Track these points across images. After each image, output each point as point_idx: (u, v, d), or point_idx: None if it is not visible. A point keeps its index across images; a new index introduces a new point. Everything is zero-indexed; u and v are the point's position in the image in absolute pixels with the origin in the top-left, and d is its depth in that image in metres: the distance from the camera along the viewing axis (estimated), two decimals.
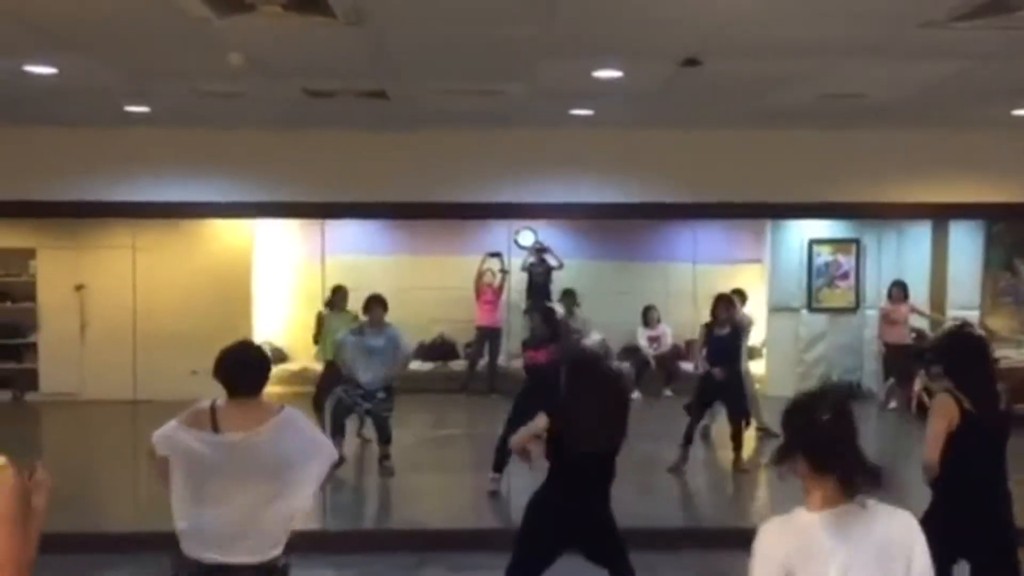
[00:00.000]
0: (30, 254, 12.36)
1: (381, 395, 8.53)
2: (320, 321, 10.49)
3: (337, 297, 10.30)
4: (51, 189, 7.62)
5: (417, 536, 7.12)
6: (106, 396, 11.75)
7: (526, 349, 8.11)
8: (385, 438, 8.64)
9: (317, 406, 9.24)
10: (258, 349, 4.24)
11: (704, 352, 9.13)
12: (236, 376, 3.95)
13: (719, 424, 9.39)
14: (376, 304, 8.62)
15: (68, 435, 11.29)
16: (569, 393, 4.77)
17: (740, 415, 8.95)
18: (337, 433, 8.22)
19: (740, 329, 9.37)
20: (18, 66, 5.49)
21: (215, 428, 3.84)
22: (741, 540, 2.91)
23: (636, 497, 7.27)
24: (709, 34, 4.75)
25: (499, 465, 7.86)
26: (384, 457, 8.64)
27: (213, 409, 3.89)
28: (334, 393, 8.94)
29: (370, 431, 9.12)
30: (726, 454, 9.00)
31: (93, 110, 6.98)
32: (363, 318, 8.84)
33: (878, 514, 2.62)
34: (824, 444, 2.63)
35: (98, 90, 6.22)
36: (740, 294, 10.40)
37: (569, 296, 12.55)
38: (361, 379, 8.46)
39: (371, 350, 8.49)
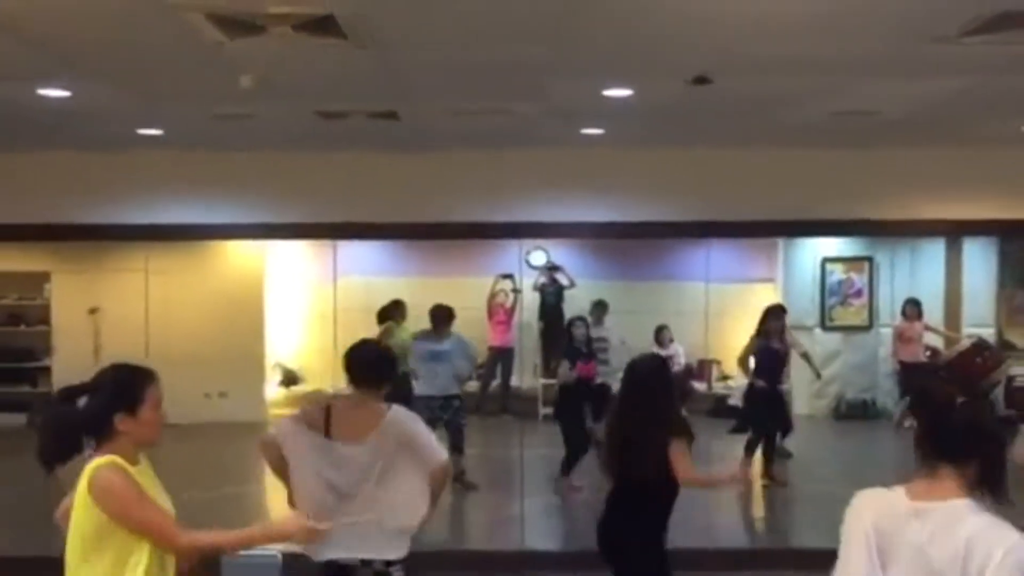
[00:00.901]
0: (44, 278, 12.42)
1: (456, 403, 8.58)
2: (389, 334, 10.43)
3: (397, 312, 10.25)
4: (65, 212, 7.66)
5: (429, 557, 7.07)
6: None
7: (576, 361, 8.30)
8: (460, 448, 8.54)
9: None
10: (380, 346, 4.68)
11: (753, 364, 9.18)
12: (356, 370, 4.19)
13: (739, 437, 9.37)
14: (441, 313, 8.73)
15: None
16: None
17: (786, 431, 9.09)
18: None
19: (791, 344, 9.46)
20: (32, 89, 5.53)
21: (327, 432, 4.03)
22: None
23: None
24: (719, 52, 4.75)
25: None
26: (461, 472, 8.53)
27: (328, 410, 4.10)
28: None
29: None
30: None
31: (106, 133, 7.02)
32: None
33: (977, 523, 2.39)
34: (954, 429, 2.49)
35: (111, 113, 6.26)
36: (781, 309, 10.37)
37: (600, 307, 12.51)
38: (429, 387, 8.51)
39: (437, 355, 8.55)
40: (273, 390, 12.60)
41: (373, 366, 4.21)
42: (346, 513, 3.86)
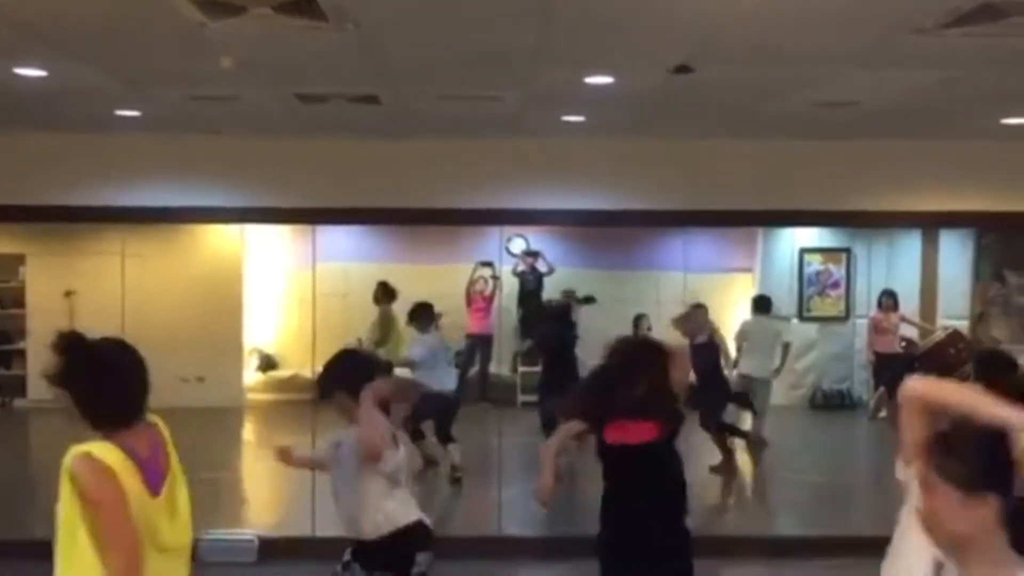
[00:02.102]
0: (20, 260, 12.31)
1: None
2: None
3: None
4: (41, 194, 7.58)
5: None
6: None
7: None
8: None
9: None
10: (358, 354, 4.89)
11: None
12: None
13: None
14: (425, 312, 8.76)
15: (55, 442, 11.21)
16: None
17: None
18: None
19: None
20: (8, 69, 5.46)
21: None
22: None
23: None
24: (701, 41, 4.75)
25: None
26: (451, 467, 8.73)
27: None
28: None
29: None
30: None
31: (83, 114, 6.95)
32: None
33: None
34: None
35: (88, 93, 6.19)
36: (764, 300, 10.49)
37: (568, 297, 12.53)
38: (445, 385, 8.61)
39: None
40: (251, 375, 12.55)
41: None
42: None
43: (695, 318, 9.35)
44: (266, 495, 9.18)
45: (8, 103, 6.47)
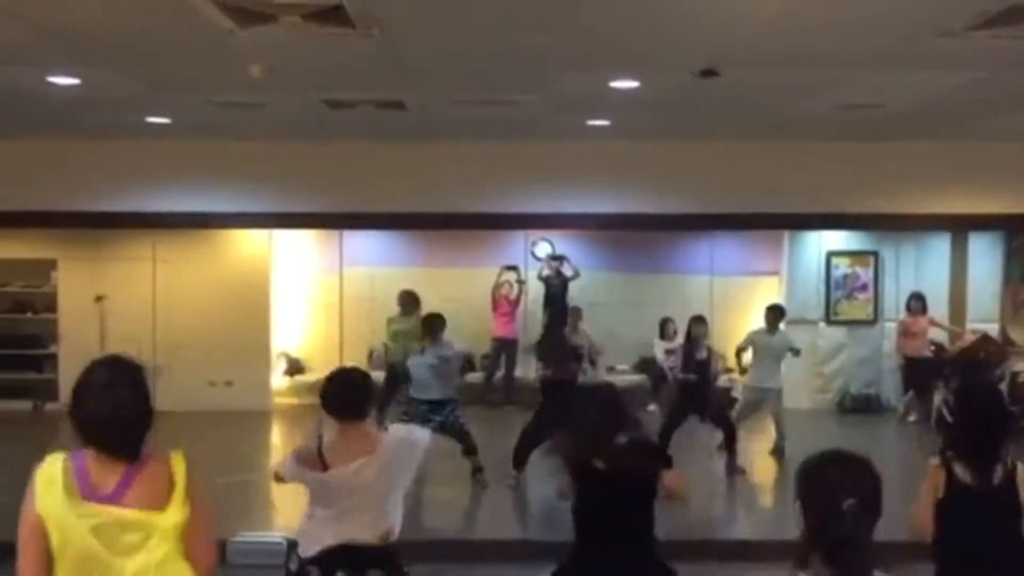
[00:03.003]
0: (51, 265, 12.46)
1: (449, 406, 8.35)
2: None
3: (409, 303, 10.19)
4: (73, 200, 7.69)
5: (433, 546, 7.11)
6: None
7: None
8: (471, 448, 8.44)
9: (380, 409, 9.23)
10: (359, 373, 4.43)
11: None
12: (340, 402, 4.16)
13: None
14: (435, 323, 8.53)
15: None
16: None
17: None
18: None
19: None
20: (42, 77, 5.56)
21: (324, 469, 4.06)
22: None
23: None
24: (727, 44, 4.76)
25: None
26: (477, 470, 8.41)
27: (320, 451, 4.11)
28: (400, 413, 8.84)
29: None
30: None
31: (115, 121, 7.05)
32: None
33: None
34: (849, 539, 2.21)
35: (120, 101, 6.29)
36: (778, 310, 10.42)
37: (574, 313, 12.33)
38: (421, 392, 8.42)
39: (432, 367, 8.45)
40: (278, 379, 12.65)
41: (354, 393, 4.22)
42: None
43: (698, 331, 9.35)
44: (294, 498, 9.24)
45: (42, 111, 6.58)
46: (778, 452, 9.74)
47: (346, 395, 4.16)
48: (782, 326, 9.73)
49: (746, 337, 9.95)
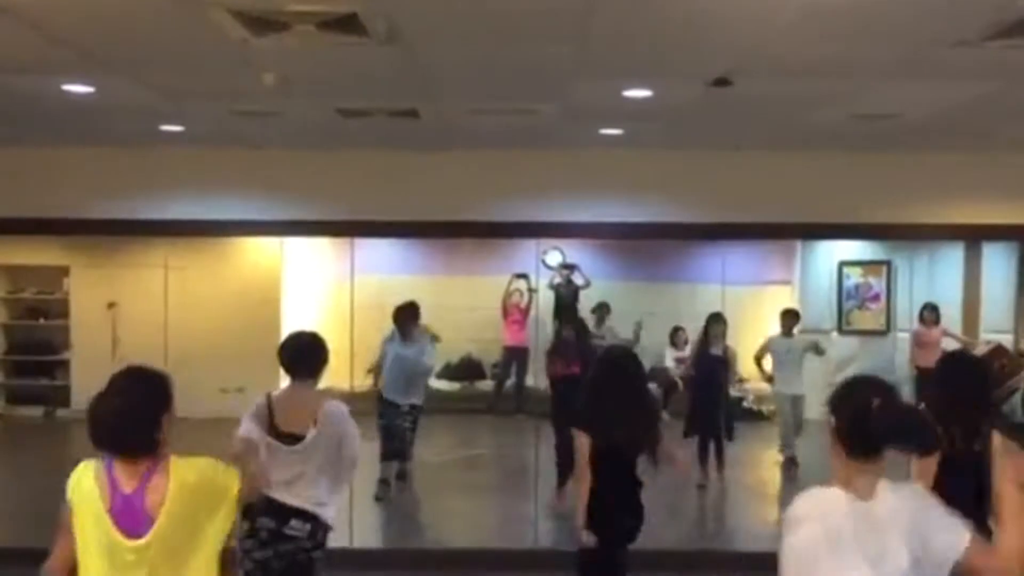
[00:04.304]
0: (64, 272, 12.52)
1: (419, 412, 8.54)
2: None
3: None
4: (85, 207, 7.71)
5: (442, 555, 7.10)
6: None
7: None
8: (407, 454, 8.58)
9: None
10: (312, 335, 4.95)
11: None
12: (291, 359, 4.78)
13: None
14: (405, 313, 8.67)
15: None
16: (591, 389, 4.94)
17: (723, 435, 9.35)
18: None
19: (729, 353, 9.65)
20: (56, 85, 5.58)
21: (272, 422, 4.65)
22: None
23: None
24: (741, 53, 4.75)
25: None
26: (405, 472, 8.60)
27: (270, 404, 4.75)
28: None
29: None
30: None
31: (128, 129, 7.07)
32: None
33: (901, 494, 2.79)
34: (876, 430, 2.75)
35: (134, 109, 6.31)
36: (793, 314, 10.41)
37: (602, 307, 12.59)
38: (396, 394, 8.46)
39: (403, 359, 8.54)
40: None
41: (304, 353, 4.68)
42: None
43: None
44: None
45: (56, 119, 6.61)
46: (790, 462, 9.70)
47: (297, 354, 4.40)
48: (796, 332, 9.69)
49: (762, 344, 9.94)
